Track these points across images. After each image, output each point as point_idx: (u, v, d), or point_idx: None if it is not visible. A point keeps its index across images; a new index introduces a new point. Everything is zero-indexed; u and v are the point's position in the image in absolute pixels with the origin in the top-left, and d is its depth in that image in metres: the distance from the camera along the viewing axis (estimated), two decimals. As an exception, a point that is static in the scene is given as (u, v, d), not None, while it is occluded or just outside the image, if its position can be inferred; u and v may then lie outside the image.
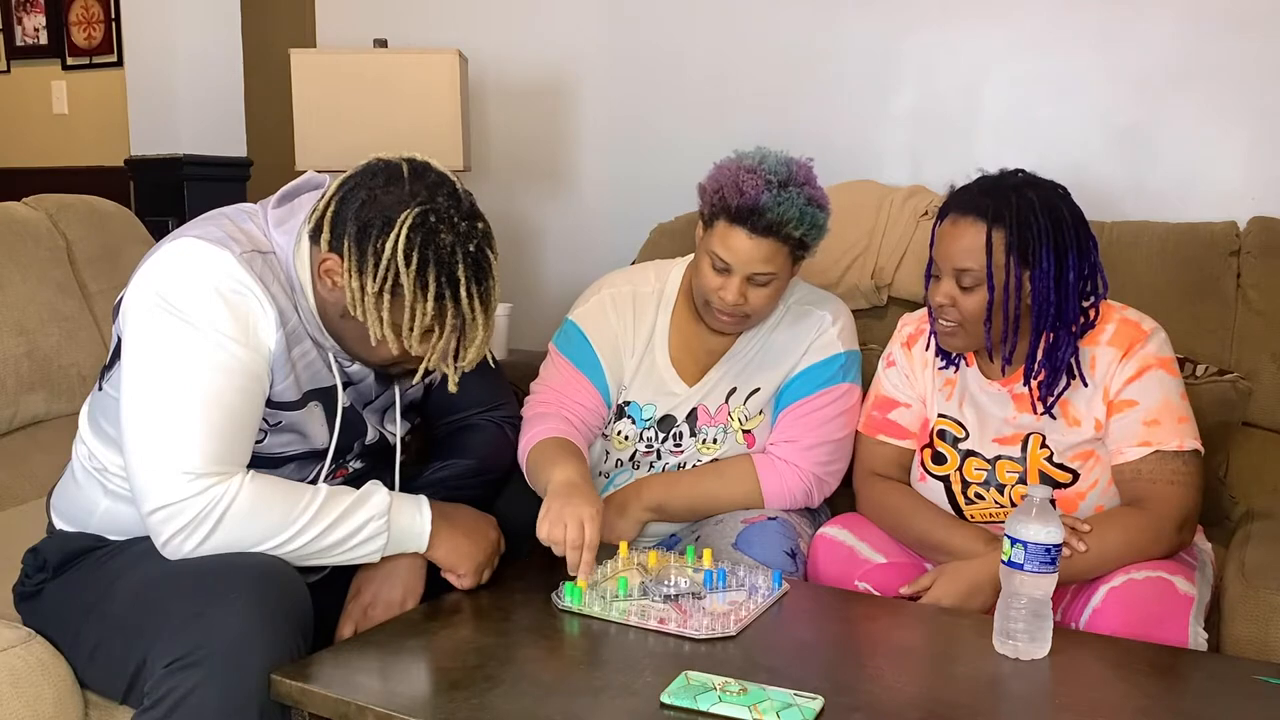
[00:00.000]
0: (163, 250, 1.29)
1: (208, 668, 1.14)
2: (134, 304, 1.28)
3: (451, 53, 2.59)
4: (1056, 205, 1.50)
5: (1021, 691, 1.22)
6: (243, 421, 1.28)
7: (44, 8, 4.25)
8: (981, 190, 1.52)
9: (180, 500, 1.22)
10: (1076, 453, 1.55)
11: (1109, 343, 1.53)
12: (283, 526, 1.27)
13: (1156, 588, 1.40)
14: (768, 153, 1.65)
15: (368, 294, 1.25)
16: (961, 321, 1.53)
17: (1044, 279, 1.48)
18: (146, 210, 2.86)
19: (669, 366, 1.80)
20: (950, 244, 1.52)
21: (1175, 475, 1.48)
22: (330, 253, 1.28)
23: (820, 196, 1.64)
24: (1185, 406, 1.52)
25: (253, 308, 1.28)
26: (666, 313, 1.81)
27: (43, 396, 2.01)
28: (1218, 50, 2.27)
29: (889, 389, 1.73)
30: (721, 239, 1.62)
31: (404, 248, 1.23)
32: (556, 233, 3.03)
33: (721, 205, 1.61)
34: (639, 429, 1.80)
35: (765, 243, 1.60)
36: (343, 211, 1.27)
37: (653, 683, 1.15)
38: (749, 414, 1.79)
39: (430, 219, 1.24)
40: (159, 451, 1.24)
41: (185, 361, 1.24)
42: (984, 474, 1.61)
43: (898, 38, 2.57)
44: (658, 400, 1.79)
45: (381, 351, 1.31)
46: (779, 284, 1.66)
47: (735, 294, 1.63)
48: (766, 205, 1.57)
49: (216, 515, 1.23)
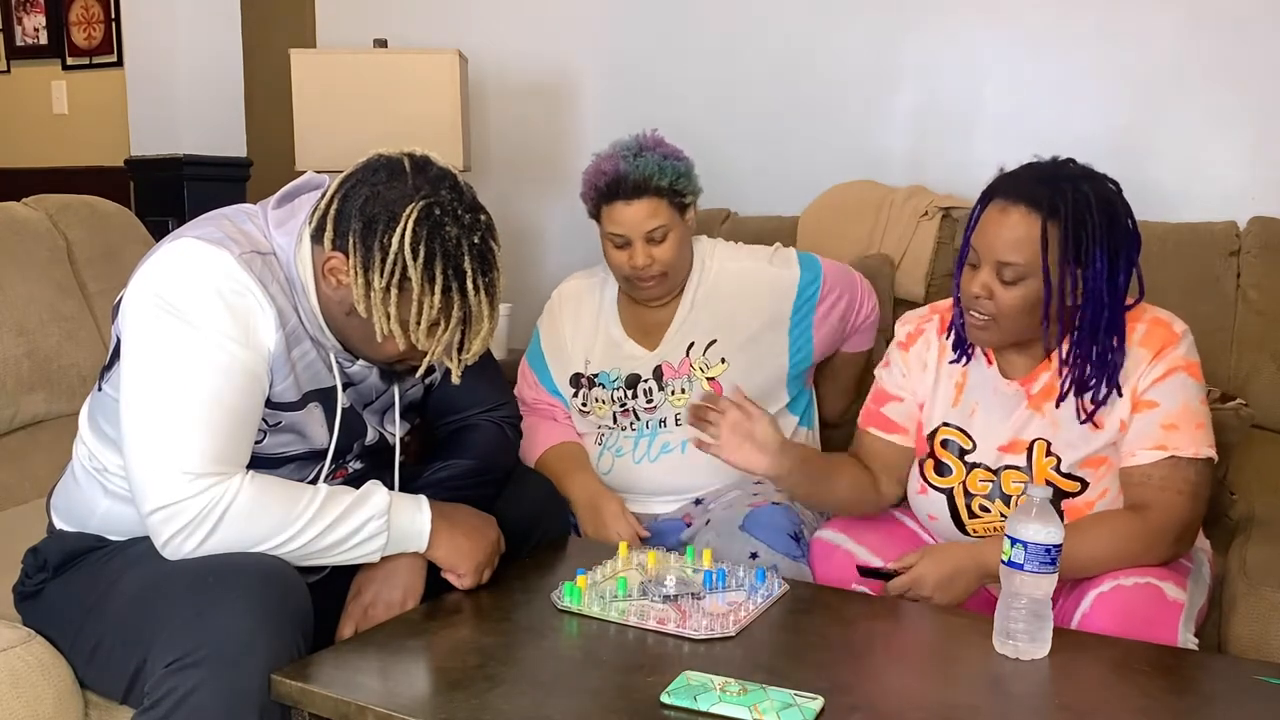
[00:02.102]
0: (161, 251, 1.29)
1: (208, 668, 1.14)
2: (133, 304, 1.28)
3: (451, 53, 2.59)
4: (1112, 201, 1.44)
5: (1021, 691, 1.22)
6: (242, 421, 1.28)
7: (44, 8, 4.25)
8: (1036, 179, 1.43)
9: (180, 500, 1.22)
10: (1087, 460, 1.50)
11: (1140, 343, 1.47)
12: (283, 526, 1.27)
13: (1145, 594, 1.39)
14: (618, 140, 1.88)
15: (374, 290, 1.25)
16: (996, 316, 1.46)
17: (1098, 279, 1.41)
18: (146, 210, 2.86)
19: (626, 338, 1.98)
20: (996, 233, 1.43)
21: (1184, 484, 1.44)
22: (335, 251, 1.28)
23: (673, 151, 1.86)
24: (1205, 411, 1.48)
25: (252, 308, 1.28)
26: (611, 298, 2.01)
27: (43, 396, 2.01)
28: (1218, 50, 2.27)
29: (884, 383, 1.70)
30: (609, 218, 1.85)
31: (410, 242, 1.23)
32: (556, 233, 3.03)
33: (596, 192, 1.85)
34: (610, 391, 1.95)
35: (642, 203, 1.82)
36: (346, 209, 1.27)
37: (652, 683, 1.15)
38: (709, 363, 1.91)
39: (435, 212, 1.25)
40: (158, 452, 1.23)
41: (184, 362, 1.24)
42: (989, 485, 1.56)
43: (898, 38, 2.57)
44: (621, 364, 1.95)
45: (387, 348, 1.31)
46: (676, 234, 1.86)
47: (641, 257, 1.84)
48: (626, 171, 1.81)
49: (216, 515, 1.23)
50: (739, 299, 1.93)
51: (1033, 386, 1.54)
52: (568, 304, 2.04)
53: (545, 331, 2.05)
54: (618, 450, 1.93)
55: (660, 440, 1.91)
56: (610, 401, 1.94)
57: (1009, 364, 1.57)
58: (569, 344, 2.01)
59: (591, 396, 1.97)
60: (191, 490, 1.22)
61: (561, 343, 2.02)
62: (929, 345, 1.65)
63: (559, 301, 2.06)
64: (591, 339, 1.99)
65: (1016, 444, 1.55)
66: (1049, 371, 1.53)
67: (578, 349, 2.00)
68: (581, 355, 1.99)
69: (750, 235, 2.10)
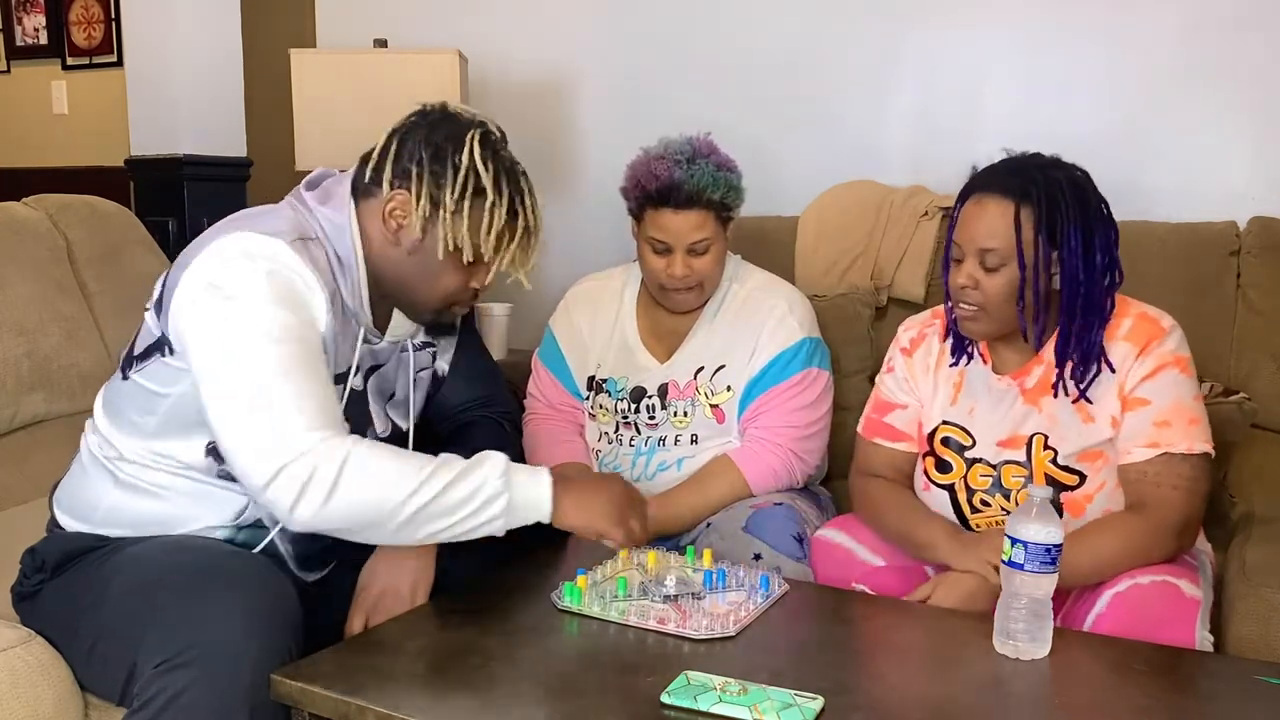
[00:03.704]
0: (211, 246, 1.29)
1: (198, 668, 1.14)
2: (189, 299, 1.28)
3: (451, 53, 2.59)
4: (1082, 185, 1.48)
5: (1021, 691, 1.22)
6: (324, 384, 1.28)
7: (44, 8, 4.25)
8: (1007, 169, 1.49)
9: (292, 461, 1.19)
10: (1084, 453, 1.52)
11: (1125, 338, 1.50)
12: (400, 484, 1.22)
13: (1162, 592, 1.39)
14: (669, 139, 1.83)
15: (446, 206, 1.34)
16: (984, 304, 1.49)
17: (1073, 259, 1.45)
18: (146, 210, 2.85)
19: (640, 347, 1.95)
20: (974, 224, 1.48)
21: (1181, 480, 1.45)
22: (396, 190, 1.35)
23: (727, 161, 1.83)
24: (1198, 407, 1.49)
25: (310, 289, 1.30)
26: (631, 300, 1.98)
27: (43, 396, 2.00)
28: (1218, 50, 2.27)
29: (886, 393, 1.72)
30: (653, 223, 1.81)
31: (480, 156, 1.35)
32: (556, 233, 3.01)
33: (644, 194, 1.80)
34: (614, 400, 1.93)
35: (691, 214, 1.78)
36: (405, 149, 1.37)
37: (653, 683, 1.15)
38: (714, 390, 1.88)
39: (491, 138, 1.39)
40: (258, 427, 1.21)
41: (258, 340, 1.24)
42: (989, 480, 1.58)
43: (898, 38, 2.57)
44: (629, 374, 1.93)
45: (445, 281, 1.39)
46: (716, 249, 1.83)
47: (681, 268, 1.81)
48: (681, 180, 1.76)
49: (334, 471, 1.19)
50: (748, 329, 1.88)
51: (1026, 381, 1.56)
52: (584, 305, 2.02)
53: (562, 331, 2.02)
54: (616, 468, 1.92)
55: (658, 459, 1.89)
56: (614, 411, 1.93)
57: (1001, 360, 1.59)
58: (586, 343, 1.99)
59: (598, 402, 1.96)
60: (302, 447, 1.20)
61: (581, 341, 1.99)
62: (930, 350, 1.68)
63: (574, 302, 2.03)
64: (606, 343, 1.97)
65: (1015, 439, 1.56)
66: (1041, 365, 1.55)
67: (593, 351, 1.98)
68: (595, 358, 1.97)
69: (750, 235, 2.10)
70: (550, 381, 2.00)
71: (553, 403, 2.00)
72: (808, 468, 1.87)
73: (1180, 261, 2.12)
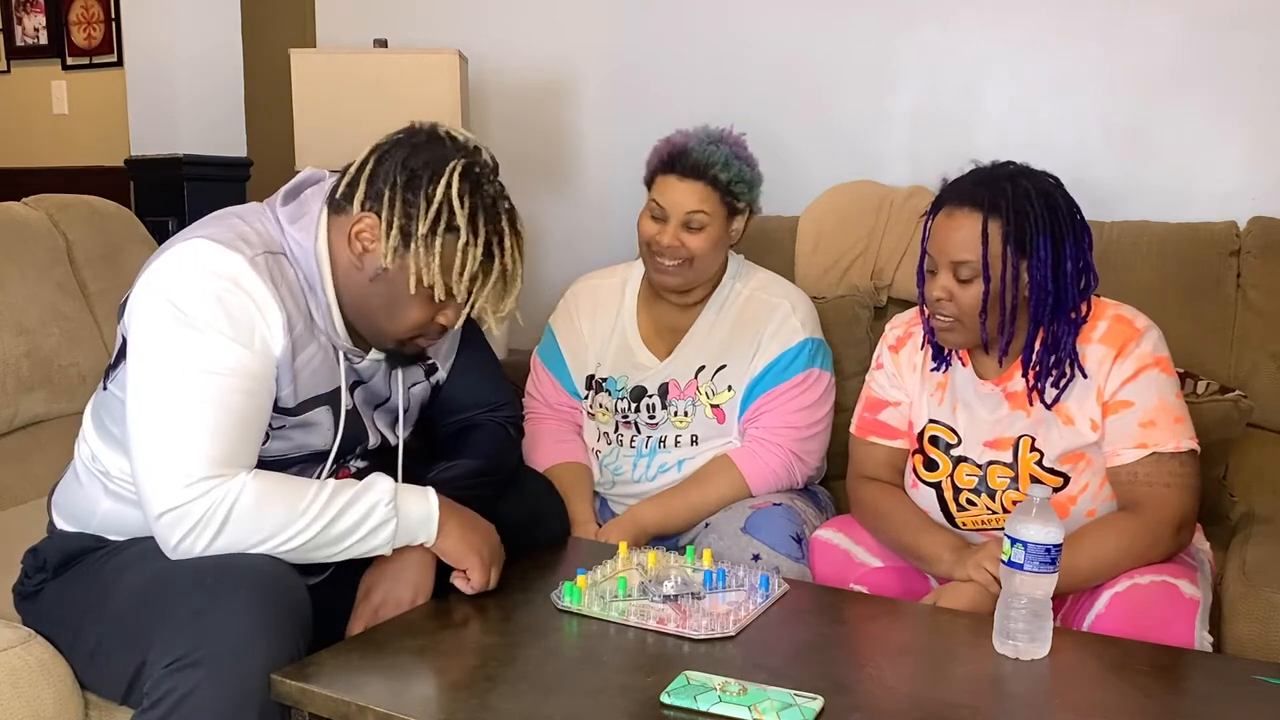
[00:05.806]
0: (172, 250, 1.29)
1: (207, 668, 1.13)
2: (140, 305, 1.28)
3: (451, 53, 2.59)
4: (1051, 193, 1.48)
5: (1021, 691, 1.22)
6: (247, 423, 1.28)
7: (44, 8, 4.25)
8: (975, 181, 1.50)
9: (185, 504, 1.22)
10: (1066, 456, 1.52)
11: (1100, 340, 1.50)
12: (290, 519, 1.26)
13: (1161, 592, 1.39)
14: (700, 125, 1.85)
15: (416, 237, 1.28)
16: (959, 315, 1.50)
17: (1041, 268, 1.46)
18: (146, 210, 2.85)
19: (640, 345, 1.94)
20: (945, 236, 1.49)
21: (1172, 478, 1.46)
22: (365, 212, 1.31)
23: (747, 156, 1.84)
24: (1181, 405, 1.50)
25: (260, 311, 1.28)
26: (633, 295, 1.98)
27: (43, 396, 2.01)
28: (1218, 50, 2.27)
29: (877, 390, 1.71)
30: (658, 189, 1.83)
31: (457, 191, 1.29)
32: (556, 233, 3.03)
33: (656, 161, 1.83)
34: (614, 399, 1.92)
35: (695, 185, 1.79)
36: (382, 169, 1.32)
37: (653, 683, 1.15)
38: (715, 389, 1.88)
39: (475, 170, 1.32)
40: (162, 457, 1.23)
41: (189, 366, 1.24)
42: (975, 479, 1.58)
43: (898, 38, 2.57)
44: (630, 373, 1.92)
45: (409, 314, 1.34)
46: (712, 231, 1.82)
47: (670, 237, 1.80)
48: (693, 148, 1.79)
49: (222, 514, 1.23)
50: (750, 327, 1.88)
51: (1009, 385, 1.56)
52: (584, 302, 2.01)
53: (562, 330, 2.01)
54: (616, 469, 1.92)
55: (658, 460, 1.89)
56: (614, 411, 1.93)
57: (982, 366, 1.60)
58: (586, 342, 1.98)
59: (597, 401, 1.95)
60: (195, 493, 1.22)
61: (580, 340, 1.99)
62: (916, 348, 1.68)
63: (574, 299, 2.03)
64: (606, 341, 1.97)
65: (1001, 441, 1.57)
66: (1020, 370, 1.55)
67: (593, 349, 1.98)
68: (595, 357, 1.97)
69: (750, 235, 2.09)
70: (549, 381, 2.00)
71: (550, 402, 2.00)
72: (808, 469, 1.87)
73: (1180, 261, 2.12)
